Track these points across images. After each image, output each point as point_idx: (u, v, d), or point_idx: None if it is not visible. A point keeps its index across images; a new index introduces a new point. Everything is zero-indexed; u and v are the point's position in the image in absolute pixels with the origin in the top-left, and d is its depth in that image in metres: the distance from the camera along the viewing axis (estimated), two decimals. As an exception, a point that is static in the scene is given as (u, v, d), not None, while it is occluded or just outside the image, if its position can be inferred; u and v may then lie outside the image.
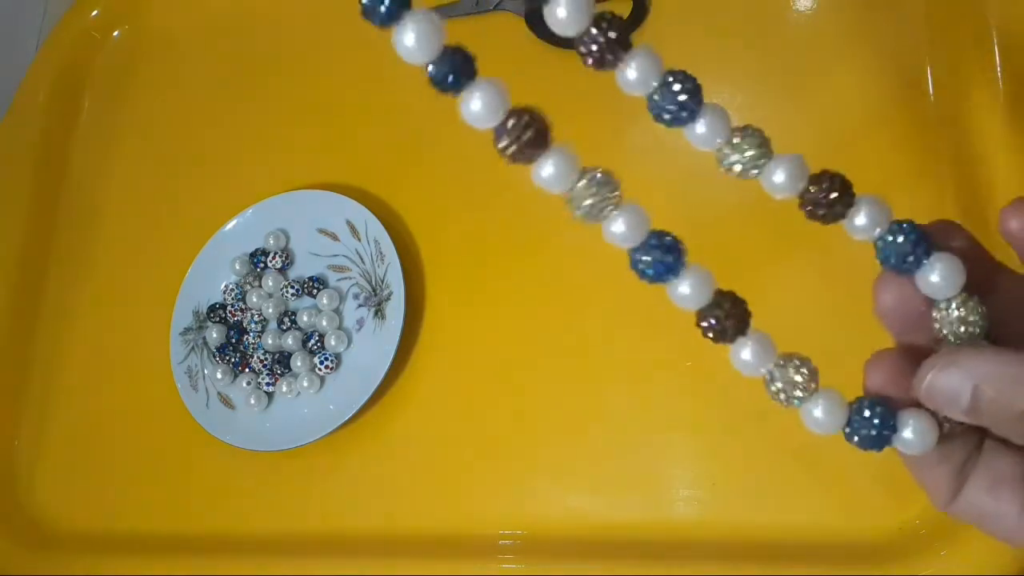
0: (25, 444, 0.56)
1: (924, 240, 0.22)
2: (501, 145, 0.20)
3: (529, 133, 0.20)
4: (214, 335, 0.53)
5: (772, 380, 0.23)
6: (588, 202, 0.21)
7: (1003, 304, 0.23)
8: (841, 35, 0.48)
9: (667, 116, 0.22)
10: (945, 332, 0.23)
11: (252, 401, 0.51)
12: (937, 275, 0.22)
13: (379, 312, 0.50)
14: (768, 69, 0.49)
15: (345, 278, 0.52)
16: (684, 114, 0.22)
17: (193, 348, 0.53)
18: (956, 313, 0.22)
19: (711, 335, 0.22)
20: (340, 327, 0.51)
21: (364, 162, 0.55)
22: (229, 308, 0.53)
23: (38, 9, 0.68)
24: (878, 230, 0.22)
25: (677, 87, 0.21)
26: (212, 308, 0.54)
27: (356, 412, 0.47)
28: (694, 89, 0.22)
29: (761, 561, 0.41)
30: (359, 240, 0.52)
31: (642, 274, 0.22)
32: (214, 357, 0.53)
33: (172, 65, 0.63)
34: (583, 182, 0.21)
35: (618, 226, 0.21)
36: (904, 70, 0.46)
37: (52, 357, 0.58)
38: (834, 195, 0.22)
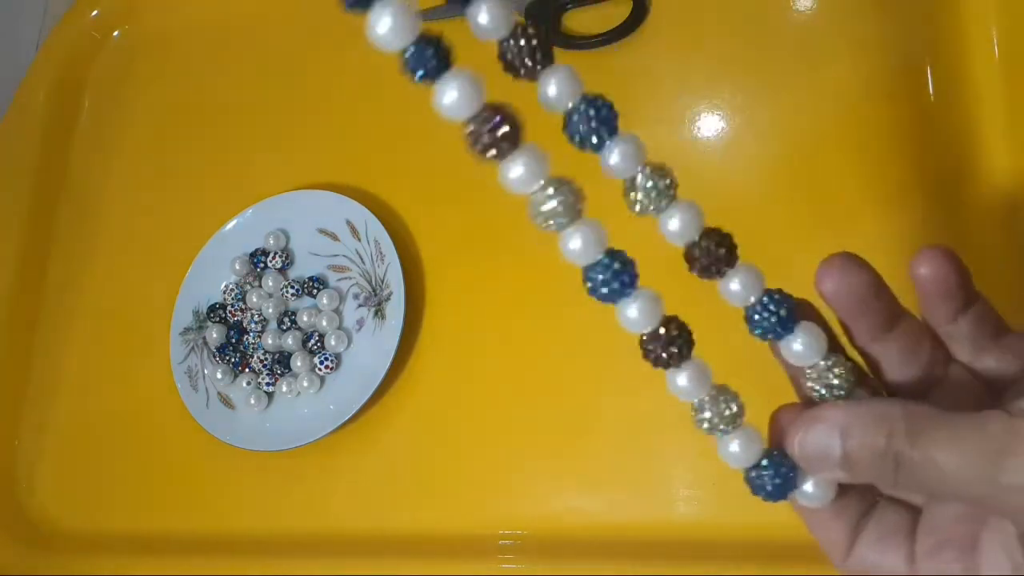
0: (25, 444, 0.56)
1: (789, 313, 0.23)
2: (471, 138, 0.20)
3: (503, 129, 0.20)
4: (214, 335, 0.53)
5: (701, 409, 0.23)
6: (548, 208, 0.21)
7: (893, 352, 0.24)
8: (841, 35, 0.48)
9: (578, 139, 0.21)
10: (816, 391, 0.24)
11: (252, 401, 0.51)
12: (800, 344, 0.23)
13: (379, 312, 0.50)
14: (768, 69, 0.49)
15: (345, 278, 0.52)
16: (594, 139, 0.21)
17: (193, 348, 0.53)
18: (822, 374, 0.23)
19: (651, 360, 0.23)
20: (340, 327, 0.51)
21: (364, 162, 0.55)
22: (229, 308, 0.53)
23: (38, 9, 0.68)
24: (751, 298, 0.23)
25: (592, 112, 0.21)
26: (212, 308, 0.54)
27: (356, 412, 0.47)
28: (609, 116, 0.21)
29: (761, 561, 0.41)
30: (359, 240, 0.52)
31: (592, 292, 0.22)
32: (214, 357, 0.53)
33: (172, 65, 0.63)
34: (549, 189, 0.21)
35: (575, 242, 0.22)
36: (904, 70, 0.46)
37: (52, 357, 0.58)
38: (721, 252, 0.22)
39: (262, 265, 0.54)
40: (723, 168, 0.48)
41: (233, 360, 0.52)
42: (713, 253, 0.22)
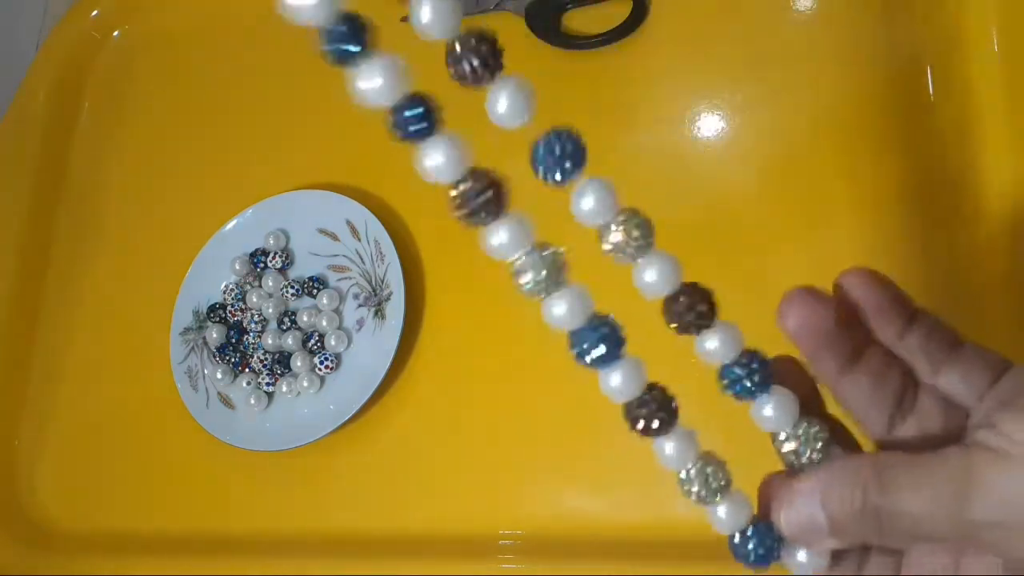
0: (25, 444, 0.56)
1: (763, 378, 0.23)
2: (454, 203, 0.20)
3: (486, 195, 0.20)
4: (214, 335, 0.53)
5: (689, 482, 0.23)
6: (530, 277, 0.21)
7: (863, 384, 0.24)
8: (841, 35, 0.48)
9: (543, 173, 0.20)
10: (788, 457, 0.24)
11: (252, 401, 0.51)
12: (770, 410, 0.23)
13: (379, 312, 0.50)
14: (767, 69, 0.49)
15: (345, 278, 0.52)
16: (558, 178, 0.20)
17: (193, 348, 0.53)
18: (794, 443, 0.23)
19: (637, 430, 0.23)
20: (340, 327, 0.51)
21: (364, 162, 0.55)
22: (229, 308, 0.53)
23: (38, 9, 0.68)
24: (728, 359, 0.23)
25: (558, 150, 0.20)
26: (212, 308, 0.54)
27: (356, 412, 0.47)
28: (575, 151, 0.20)
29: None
30: (359, 240, 0.52)
31: (577, 358, 0.22)
32: (214, 357, 0.53)
33: (172, 65, 0.63)
34: (532, 257, 0.21)
35: (559, 308, 0.21)
36: (904, 70, 0.46)
37: (52, 357, 0.58)
38: (701, 309, 0.22)
39: (262, 265, 0.54)
40: (723, 168, 0.48)
41: (233, 360, 0.52)
42: (700, 305, 0.22)
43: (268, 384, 0.51)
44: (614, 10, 0.51)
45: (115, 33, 0.65)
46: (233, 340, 0.53)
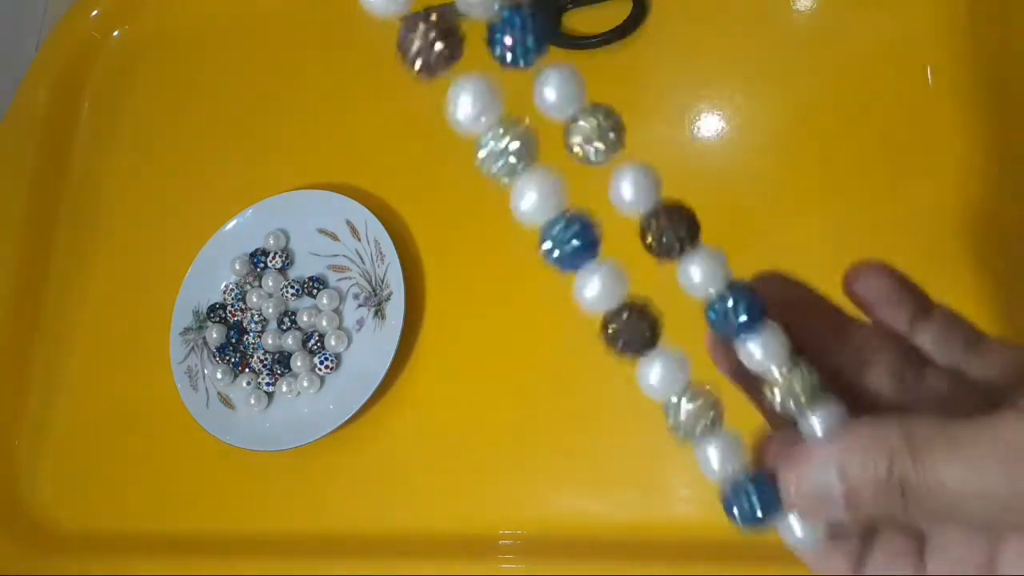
0: (25, 444, 0.56)
1: (755, 309, 0.20)
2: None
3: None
4: (214, 335, 0.53)
5: (675, 411, 0.21)
6: (492, 147, 0.18)
7: (851, 355, 0.23)
8: (841, 34, 0.48)
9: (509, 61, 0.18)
10: (778, 400, 0.21)
11: (252, 401, 0.51)
12: (760, 347, 0.21)
13: (379, 312, 0.50)
14: (768, 69, 0.49)
15: (345, 278, 0.52)
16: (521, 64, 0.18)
17: (193, 348, 0.53)
18: (785, 381, 0.21)
19: (613, 347, 0.20)
20: (340, 327, 0.51)
21: (364, 162, 0.55)
22: (229, 308, 0.53)
23: (38, 9, 0.68)
24: (711, 290, 0.20)
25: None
26: (212, 308, 0.54)
27: (356, 412, 0.47)
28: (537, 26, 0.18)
29: (761, 561, 0.41)
30: (359, 240, 0.52)
31: (547, 256, 0.19)
32: (214, 357, 0.53)
33: (172, 65, 0.63)
34: (502, 133, 0.19)
35: (528, 198, 0.19)
36: (904, 69, 0.46)
37: (52, 357, 0.58)
38: (681, 229, 0.20)
39: (262, 265, 0.54)
40: (722, 168, 0.48)
41: (233, 360, 0.52)
42: (672, 230, 0.20)
43: (268, 384, 0.51)
44: (614, 10, 0.51)
45: (115, 33, 0.65)
46: (233, 340, 0.53)
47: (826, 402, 0.21)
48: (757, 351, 0.21)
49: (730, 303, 0.20)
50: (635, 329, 0.20)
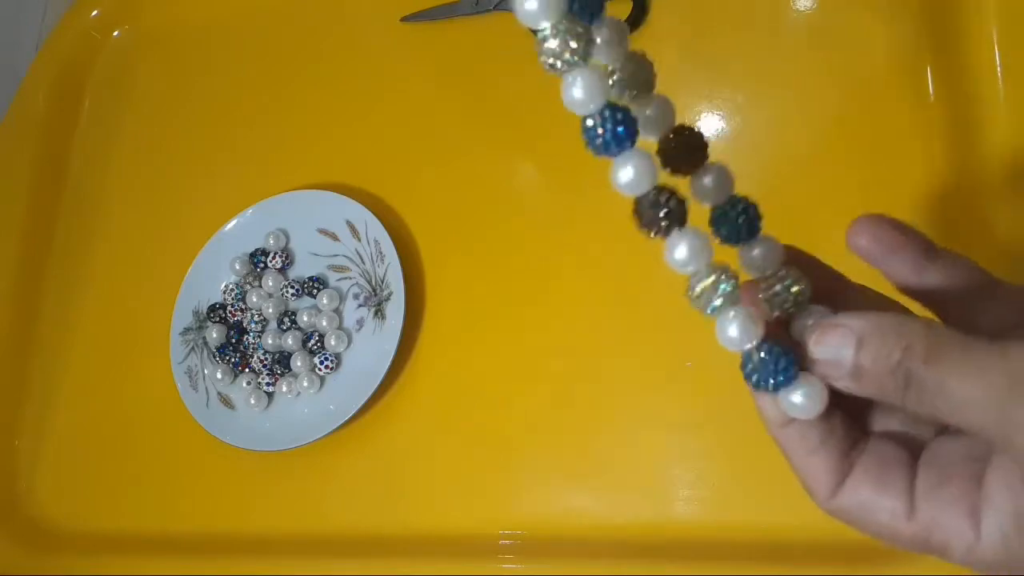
0: (25, 444, 0.56)
1: (753, 221, 0.23)
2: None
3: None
4: (214, 335, 0.53)
5: (697, 282, 0.23)
6: (557, 44, 0.22)
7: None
8: (841, 35, 0.48)
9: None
10: (768, 302, 0.24)
11: (252, 401, 0.51)
12: (759, 252, 0.23)
13: (379, 312, 0.50)
14: (767, 69, 0.49)
15: (345, 278, 0.52)
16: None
17: (193, 348, 0.53)
18: (780, 285, 0.23)
19: (646, 225, 0.22)
20: (340, 327, 0.51)
21: (364, 162, 0.55)
22: (229, 308, 0.53)
23: (38, 9, 0.68)
24: (721, 198, 0.23)
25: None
26: (212, 308, 0.54)
27: (356, 412, 0.47)
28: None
29: (761, 561, 0.41)
30: (359, 240, 0.52)
31: (590, 141, 0.22)
32: (214, 357, 0.53)
33: (172, 65, 0.63)
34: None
35: (577, 90, 0.21)
36: (904, 70, 0.46)
37: (52, 357, 0.58)
38: (692, 146, 0.23)
39: (262, 265, 0.54)
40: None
41: (233, 360, 0.52)
42: (684, 145, 0.23)
43: (268, 384, 0.51)
44: (614, 10, 0.51)
45: (115, 33, 0.65)
46: (233, 340, 0.53)
47: (815, 309, 0.23)
48: (757, 253, 0.23)
49: (733, 213, 0.23)
50: (677, 203, 0.22)
